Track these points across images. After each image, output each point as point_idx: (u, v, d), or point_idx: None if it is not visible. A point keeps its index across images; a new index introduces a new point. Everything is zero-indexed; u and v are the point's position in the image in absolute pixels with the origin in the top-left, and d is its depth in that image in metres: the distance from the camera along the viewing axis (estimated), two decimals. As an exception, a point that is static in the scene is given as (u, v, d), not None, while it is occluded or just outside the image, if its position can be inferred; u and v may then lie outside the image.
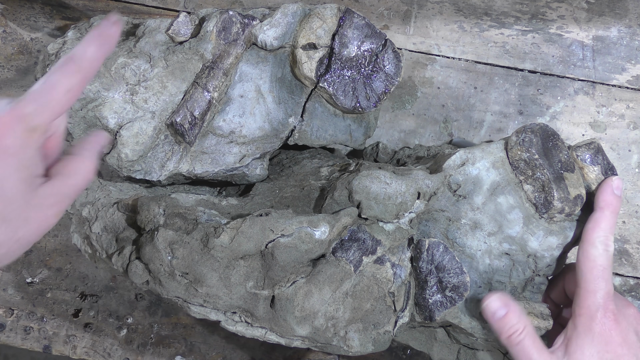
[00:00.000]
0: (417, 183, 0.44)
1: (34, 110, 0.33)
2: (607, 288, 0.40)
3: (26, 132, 0.33)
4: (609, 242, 0.41)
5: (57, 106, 0.34)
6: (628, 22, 0.68)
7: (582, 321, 0.40)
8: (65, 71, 0.34)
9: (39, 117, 0.33)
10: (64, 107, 0.35)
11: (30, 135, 0.33)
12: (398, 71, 0.49)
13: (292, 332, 0.42)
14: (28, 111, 0.33)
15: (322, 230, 0.42)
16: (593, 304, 0.39)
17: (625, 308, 0.41)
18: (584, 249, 0.41)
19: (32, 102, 0.33)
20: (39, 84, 0.34)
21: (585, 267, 0.40)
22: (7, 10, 0.68)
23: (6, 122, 0.33)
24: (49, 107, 0.34)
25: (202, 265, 0.41)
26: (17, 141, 0.33)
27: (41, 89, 0.34)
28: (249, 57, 0.49)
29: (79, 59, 0.35)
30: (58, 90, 0.34)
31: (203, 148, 0.48)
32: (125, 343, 0.61)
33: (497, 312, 0.41)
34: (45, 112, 0.34)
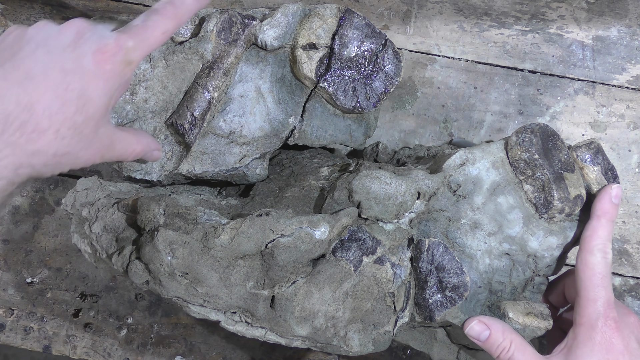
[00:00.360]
0: (417, 183, 0.44)
1: (134, 45, 0.36)
2: (607, 296, 0.40)
3: (123, 64, 0.36)
4: (607, 250, 0.41)
5: (152, 45, 0.37)
6: (628, 22, 0.68)
7: (583, 330, 0.39)
8: (165, 14, 0.38)
9: (136, 52, 0.36)
10: (156, 46, 0.38)
11: (125, 67, 0.36)
12: (398, 71, 0.49)
13: (292, 332, 0.42)
14: (130, 45, 0.36)
15: (322, 230, 0.42)
16: (594, 313, 0.39)
17: (626, 316, 0.41)
18: (582, 257, 0.41)
19: (133, 37, 0.36)
20: (140, 20, 0.37)
21: (584, 275, 0.40)
22: (7, 10, 0.68)
23: (111, 49, 0.35)
24: (146, 44, 0.37)
25: (202, 265, 0.41)
26: (116, 69, 0.36)
27: (142, 26, 0.37)
28: (249, 57, 0.49)
29: (179, 5, 0.38)
30: (156, 31, 0.37)
31: (203, 148, 0.48)
32: (125, 343, 0.61)
33: (481, 335, 0.41)
34: (143, 48, 0.37)
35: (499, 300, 0.44)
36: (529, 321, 0.42)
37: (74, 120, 0.35)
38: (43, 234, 0.63)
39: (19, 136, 0.33)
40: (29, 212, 0.63)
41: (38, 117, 0.33)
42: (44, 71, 0.34)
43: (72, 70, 0.34)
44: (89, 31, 0.36)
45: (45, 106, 0.33)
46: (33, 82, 0.33)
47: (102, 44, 0.35)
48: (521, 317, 0.42)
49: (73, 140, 0.35)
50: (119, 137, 0.40)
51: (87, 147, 0.36)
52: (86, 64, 0.35)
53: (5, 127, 0.33)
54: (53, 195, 0.63)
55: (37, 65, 0.34)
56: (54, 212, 0.63)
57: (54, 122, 0.34)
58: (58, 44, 0.35)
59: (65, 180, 0.64)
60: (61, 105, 0.34)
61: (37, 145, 0.34)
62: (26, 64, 0.34)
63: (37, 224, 0.63)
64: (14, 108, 0.33)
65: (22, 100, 0.33)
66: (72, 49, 0.35)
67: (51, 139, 0.34)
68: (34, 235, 0.63)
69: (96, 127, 0.36)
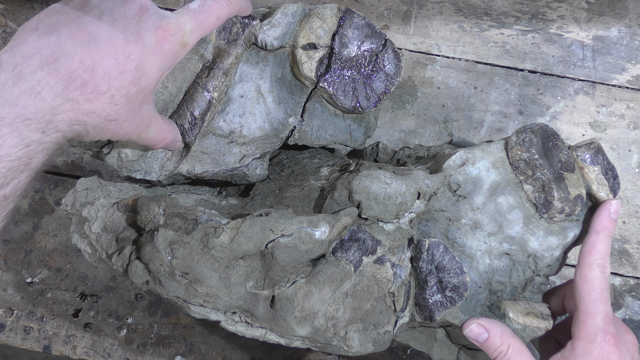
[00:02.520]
0: (417, 183, 0.44)
1: (191, 29, 0.38)
2: (606, 311, 0.40)
3: (180, 45, 0.38)
4: (605, 265, 0.41)
5: (207, 30, 0.39)
6: (628, 22, 0.68)
7: (581, 344, 0.40)
8: (220, 1, 0.39)
9: (192, 36, 0.38)
10: (209, 31, 0.39)
11: (181, 48, 0.38)
12: (398, 71, 0.49)
13: (292, 332, 0.42)
14: (188, 27, 0.38)
15: (322, 230, 0.42)
16: (593, 327, 0.40)
17: (623, 334, 0.41)
18: (581, 271, 0.41)
19: (191, 21, 0.38)
20: (197, 4, 0.39)
21: (583, 290, 0.41)
22: (7, 10, 0.68)
23: (171, 28, 0.37)
24: (201, 28, 0.38)
25: (202, 265, 0.41)
26: (173, 49, 0.37)
27: (200, 10, 0.38)
28: (249, 57, 0.49)
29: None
30: (211, 16, 0.39)
31: (203, 148, 0.48)
32: (125, 343, 0.61)
33: (479, 337, 0.41)
34: (198, 32, 0.38)
35: (499, 300, 0.44)
36: (529, 321, 0.42)
37: (128, 89, 0.36)
38: (43, 234, 0.63)
39: (79, 94, 0.34)
40: (29, 212, 0.63)
41: (98, 79, 0.35)
42: (109, 37, 0.35)
43: (134, 42, 0.36)
44: (152, 7, 0.37)
45: (105, 70, 0.35)
46: (97, 45, 0.35)
47: (164, 23, 0.37)
48: (521, 317, 0.42)
49: (123, 109, 0.36)
50: (157, 120, 0.41)
51: (131, 118, 0.38)
52: (147, 39, 0.36)
53: (68, 84, 0.34)
54: (53, 195, 0.63)
55: (102, 31, 0.35)
56: (54, 212, 0.63)
57: (111, 87, 0.35)
58: (123, 15, 0.36)
59: (65, 180, 0.64)
60: (120, 73, 0.35)
61: (93, 106, 0.35)
62: (92, 28, 0.35)
63: (37, 224, 0.63)
64: (77, 67, 0.34)
65: (85, 61, 0.34)
66: (137, 21, 0.36)
67: (106, 102, 0.35)
68: (34, 235, 0.63)
69: (142, 102, 0.38)
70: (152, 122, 0.41)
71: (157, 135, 0.42)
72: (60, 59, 0.34)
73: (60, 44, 0.34)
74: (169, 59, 0.38)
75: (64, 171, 0.64)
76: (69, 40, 0.34)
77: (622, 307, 0.61)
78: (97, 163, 0.64)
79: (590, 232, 0.42)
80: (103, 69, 0.35)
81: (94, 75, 0.34)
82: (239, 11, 0.42)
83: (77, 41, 0.34)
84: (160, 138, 0.43)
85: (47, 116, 0.34)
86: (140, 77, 0.36)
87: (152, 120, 0.41)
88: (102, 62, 0.35)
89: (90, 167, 0.64)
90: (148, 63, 0.37)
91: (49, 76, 0.33)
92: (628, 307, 0.61)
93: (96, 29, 0.35)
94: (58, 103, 0.34)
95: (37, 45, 0.34)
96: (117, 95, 0.36)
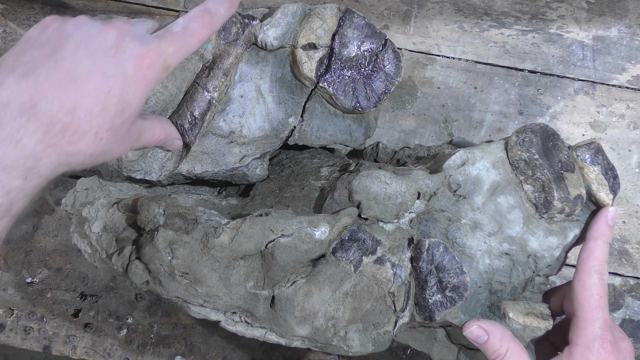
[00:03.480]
0: (417, 183, 0.44)
1: (173, 52, 0.37)
2: (604, 317, 0.40)
3: (162, 69, 0.37)
4: (603, 271, 0.41)
5: (189, 51, 0.38)
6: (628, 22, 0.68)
7: (579, 350, 0.40)
8: (202, 22, 0.38)
9: (174, 58, 0.37)
10: (191, 53, 0.38)
11: (163, 72, 0.37)
12: (398, 71, 0.49)
13: (292, 332, 0.42)
14: (170, 51, 0.37)
15: (322, 230, 0.42)
16: (591, 334, 0.40)
17: (620, 340, 0.41)
18: (580, 278, 0.41)
19: (174, 44, 0.37)
20: (179, 26, 0.38)
21: (582, 297, 0.41)
22: (7, 10, 0.68)
23: (152, 54, 0.36)
24: (183, 50, 0.38)
25: (202, 266, 0.41)
26: (155, 74, 0.36)
27: (182, 33, 0.37)
28: (249, 57, 0.49)
29: (214, 14, 0.39)
30: (194, 38, 0.38)
31: (203, 148, 0.48)
32: (125, 343, 0.61)
33: (479, 338, 0.42)
34: (180, 54, 0.37)
35: (499, 300, 0.44)
36: (529, 321, 0.42)
37: (112, 123, 0.35)
38: (43, 234, 0.63)
39: (60, 138, 0.34)
40: (29, 212, 0.63)
41: (80, 120, 0.34)
42: (87, 74, 0.34)
43: (114, 75, 0.35)
44: (130, 34, 0.36)
45: (86, 110, 0.34)
46: (76, 85, 0.34)
47: (144, 50, 0.36)
48: (521, 317, 0.42)
49: (110, 141, 0.36)
50: (146, 127, 0.41)
51: (120, 144, 0.38)
52: (127, 70, 0.35)
53: (49, 129, 0.33)
54: (53, 195, 0.63)
55: (79, 67, 0.34)
56: (54, 212, 0.63)
57: (94, 125, 0.35)
58: (100, 46, 0.35)
59: (65, 180, 0.64)
60: (102, 109, 0.35)
61: (77, 147, 0.35)
62: (68, 65, 0.34)
63: (37, 224, 0.63)
64: (57, 110, 0.33)
65: (65, 104, 0.33)
66: (114, 52, 0.35)
67: (90, 140, 0.35)
68: (34, 235, 0.62)
69: (130, 126, 0.37)
70: (142, 132, 0.40)
71: (150, 138, 0.42)
72: (39, 104, 0.33)
73: (38, 87, 0.33)
74: (152, 84, 0.37)
75: (64, 171, 0.64)
76: (47, 82, 0.33)
77: (622, 307, 0.61)
78: (97, 163, 0.64)
79: (588, 238, 0.43)
80: (84, 109, 0.34)
81: (75, 117, 0.34)
82: (220, 26, 0.41)
83: (54, 82, 0.34)
84: (154, 139, 0.43)
85: (29, 162, 0.33)
86: (123, 109, 0.36)
87: (142, 131, 0.40)
88: (83, 102, 0.34)
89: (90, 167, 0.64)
90: (130, 94, 0.36)
91: (28, 123, 0.33)
92: (628, 307, 0.61)
93: (73, 66, 0.34)
94: (40, 149, 0.33)
95: (15, 90, 0.33)
96: (101, 132, 0.35)
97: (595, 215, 0.44)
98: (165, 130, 0.44)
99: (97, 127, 0.35)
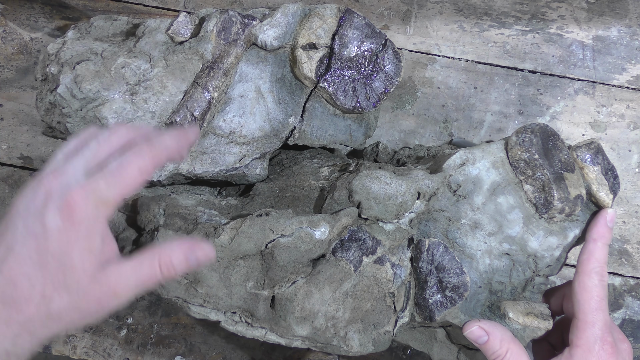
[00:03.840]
0: (417, 183, 0.44)
1: (106, 186, 0.35)
2: (605, 319, 0.40)
3: (95, 205, 0.35)
4: (604, 273, 0.41)
5: (129, 182, 0.36)
6: (628, 22, 0.68)
7: (580, 352, 0.40)
8: (140, 153, 0.36)
9: (110, 191, 0.35)
10: (134, 184, 0.36)
11: (99, 208, 0.35)
12: (398, 71, 0.49)
13: (292, 332, 0.42)
14: (100, 186, 0.35)
15: (322, 230, 0.42)
16: (591, 336, 0.40)
17: (620, 342, 0.42)
18: (580, 280, 0.42)
19: (104, 178, 0.35)
20: (116, 161, 0.36)
21: (582, 298, 0.41)
22: (7, 10, 0.68)
23: (76, 197, 0.34)
24: (121, 182, 0.35)
25: (202, 265, 0.41)
26: (88, 213, 0.35)
27: (117, 165, 0.36)
28: (249, 57, 0.49)
29: (155, 143, 0.37)
30: (130, 168, 0.36)
31: (203, 148, 0.48)
32: (125, 343, 0.61)
33: (479, 339, 0.42)
34: (116, 187, 0.35)
35: (499, 301, 0.44)
36: (529, 321, 0.42)
37: (56, 280, 0.35)
38: (43, 234, 0.63)
39: (8, 309, 0.34)
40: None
41: (21, 287, 0.34)
42: (22, 241, 0.34)
43: (42, 234, 0.34)
44: (57, 187, 0.35)
45: (25, 275, 0.34)
46: (13, 254, 0.34)
47: (67, 197, 0.34)
48: (521, 317, 0.42)
49: (63, 299, 0.35)
50: (126, 269, 0.37)
51: (85, 296, 0.35)
52: (53, 224, 0.34)
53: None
54: (53, 195, 0.63)
55: (15, 237, 0.35)
56: (54, 212, 0.63)
57: (36, 287, 0.34)
58: (31, 211, 0.35)
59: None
60: (39, 270, 0.34)
61: (27, 314, 0.34)
62: (8, 238, 0.35)
63: (37, 224, 0.63)
64: (1, 284, 0.34)
65: (5, 275, 0.34)
66: (41, 212, 0.35)
67: (38, 303, 0.34)
68: (34, 235, 0.62)
69: (89, 274, 0.35)
70: (116, 283, 0.36)
71: (144, 280, 0.37)
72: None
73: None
74: (89, 224, 0.35)
75: (64, 171, 0.64)
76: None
77: (622, 307, 0.61)
78: (97, 163, 0.64)
79: (588, 240, 0.43)
80: (22, 275, 0.34)
81: (17, 286, 0.34)
82: (167, 157, 0.38)
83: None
84: (138, 286, 0.37)
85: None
86: (64, 263, 0.34)
87: (116, 279, 0.36)
88: (20, 269, 0.34)
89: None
90: (65, 244, 0.34)
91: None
92: (628, 307, 0.61)
93: (11, 237, 0.35)
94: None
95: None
96: (47, 292, 0.34)
97: (594, 217, 0.44)
98: (164, 260, 0.37)
99: (40, 287, 0.34)
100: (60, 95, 0.46)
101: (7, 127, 0.64)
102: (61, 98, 0.46)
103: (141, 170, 0.36)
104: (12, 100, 0.65)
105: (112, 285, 0.36)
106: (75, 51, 0.48)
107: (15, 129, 0.64)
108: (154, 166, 0.37)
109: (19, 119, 0.65)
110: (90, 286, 0.35)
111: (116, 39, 0.52)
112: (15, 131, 0.64)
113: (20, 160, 0.63)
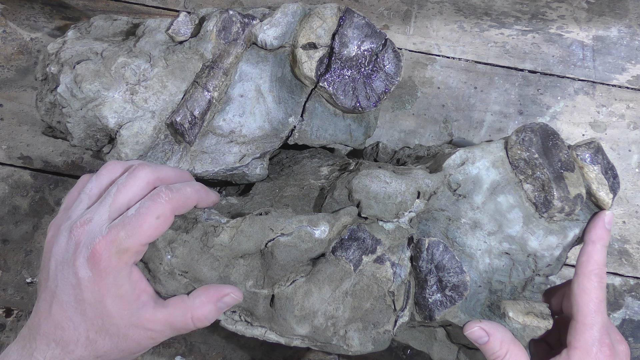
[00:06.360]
0: (417, 182, 0.44)
1: (125, 235, 0.37)
2: (603, 321, 0.41)
3: (117, 255, 0.37)
4: (602, 275, 0.42)
5: (147, 230, 0.38)
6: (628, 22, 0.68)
7: (578, 354, 0.40)
8: (157, 199, 0.38)
9: (129, 240, 0.37)
10: (153, 231, 0.38)
11: (121, 257, 0.37)
12: (398, 71, 0.49)
13: (291, 331, 0.42)
14: (121, 235, 0.37)
15: (321, 229, 0.42)
16: (590, 338, 0.40)
17: (617, 344, 0.42)
18: (579, 282, 0.42)
19: (124, 228, 0.37)
20: (134, 208, 0.38)
21: (581, 300, 0.41)
22: (7, 10, 0.68)
23: (100, 248, 0.37)
24: (139, 230, 0.37)
25: (202, 264, 0.41)
26: (111, 263, 0.37)
27: (135, 214, 0.38)
28: (249, 56, 0.49)
29: (174, 191, 0.39)
30: (150, 216, 0.38)
31: (203, 148, 0.48)
32: (125, 343, 0.61)
33: (480, 339, 0.42)
34: (136, 235, 0.37)
35: (499, 300, 0.44)
36: (529, 321, 0.42)
37: (97, 325, 0.38)
38: (43, 234, 0.63)
39: (60, 351, 0.38)
40: (29, 212, 0.63)
41: (68, 331, 0.38)
42: (62, 288, 0.38)
43: (77, 284, 0.37)
44: (84, 236, 0.38)
45: (69, 320, 0.38)
46: (57, 300, 0.38)
47: (92, 248, 0.37)
48: (521, 316, 0.42)
49: (105, 341, 0.38)
50: (172, 312, 0.40)
51: (124, 339, 0.39)
52: (84, 274, 0.37)
53: (49, 344, 0.38)
54: (53, 195, 0.63)
55: (56, 284, 0.38)
56: (54, 212, 0.63)
57: (80, 331, 0.38)
58: (66, 259, 0.38)
59: (65, 180, 0.64)
60: (80, 315, 0.38)
61: (77, 354, 0.38)
62: (50, 285, 0.38)
63: (37, 224, 0.63)
64: (49, 328, 0.38)
65: (54, 320, 0.38)
66: (73, 262, 0.38)
67: (85, 345, 0.38)
68: (34, 235, 0.62)
69: (125, 319, 0.38)
70: (153, 326, 0.39)
71: (168, 327, 0.40)
72: (41, 325, 0.38)
73: (37, 310, 0.39)
74: (115, 273, 0.37)
75: (64, 171, 0.64)
76: (42, 303, 0.39)
77: (622, 307, 0.61)
78: (97, 163, 0.64)
79: (587, 242, 0.43)
80: (67, 320, 0.38)
81: (64, 330, 0.38)
82: (186, 205, 0.40)
83: (44, 302, 0.39)
84: (173, 328, 0.40)
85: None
86: (100, 309, 0.37)
87: (151, 322, 0.39)
88: (64, 314, 0.38)
89: (90, 167, 0.64)
90: (98, 292, 0.37)
91: (35, 342, 0.38)
92: (628, 307, 0.61)
93: (52, 284, 0.38)
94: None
95: (34, 316, 0.39)
96: (90, 335, 0.38)
97: (593, 219, 0.44)
98: (196, 315, 0.40)
99: (85, 331, 0.38)
100: (61, 95, 0.46)
101: (7, 127, 0.64)
102: (61, 98, 0.46)
103: (159, 218, 0.38)
104: (12, 100, 0.65)
105: (149, 330, 0.39)
106: (75, 51, 0.48)
107: (15, 129, 0.64)
108: (172, 213, 0.39)
109: (19, 119, 0.65)
110: (128, 330, 0.39)
111: (116, 38, 0.52)
112: (15, 131, 0.64)
113: (20, 160, 0.64)
